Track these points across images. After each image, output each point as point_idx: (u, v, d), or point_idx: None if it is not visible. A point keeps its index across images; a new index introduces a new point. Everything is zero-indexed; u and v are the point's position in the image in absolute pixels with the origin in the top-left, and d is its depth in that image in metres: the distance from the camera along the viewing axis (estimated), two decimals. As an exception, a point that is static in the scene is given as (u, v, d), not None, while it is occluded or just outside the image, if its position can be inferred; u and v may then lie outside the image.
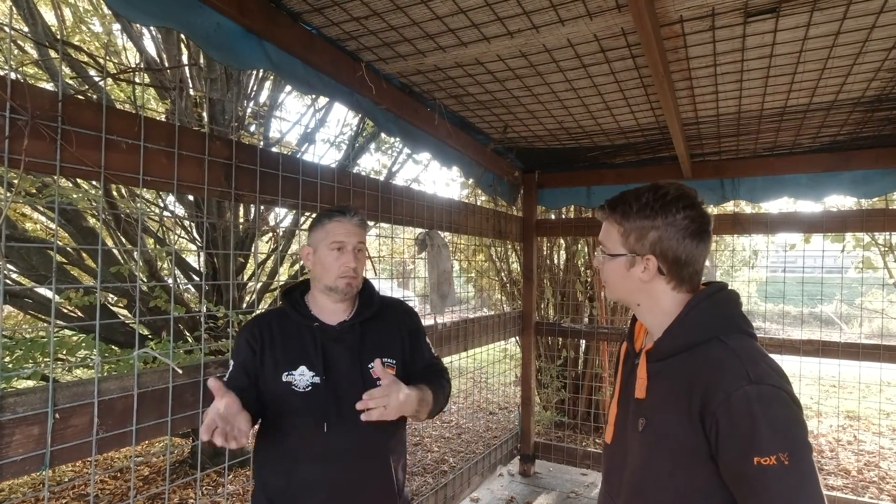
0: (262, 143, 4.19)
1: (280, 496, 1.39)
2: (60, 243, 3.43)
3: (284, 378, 1.39)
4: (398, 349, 1.52)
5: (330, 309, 1.47)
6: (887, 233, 4.70)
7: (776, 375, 0.90)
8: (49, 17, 3.81)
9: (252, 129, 4.23)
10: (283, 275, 5.18)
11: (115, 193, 3.66)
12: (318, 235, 1.45)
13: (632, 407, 1.06)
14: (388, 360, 1.48)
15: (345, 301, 1.48)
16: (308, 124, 4.77)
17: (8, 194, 2.65)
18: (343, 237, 1.43)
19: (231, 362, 1.44)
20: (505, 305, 5.82)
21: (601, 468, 1.23)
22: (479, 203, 4.73)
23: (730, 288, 1.04)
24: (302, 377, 1.39)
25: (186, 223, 4.31)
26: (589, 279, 5.24)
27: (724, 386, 0.88)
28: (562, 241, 5.30)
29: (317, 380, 1.39)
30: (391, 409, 1.23)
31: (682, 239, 0.99)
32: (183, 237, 4.52)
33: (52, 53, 3.08)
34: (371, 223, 2.68)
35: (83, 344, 2.90)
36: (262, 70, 3.73)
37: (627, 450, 1.06)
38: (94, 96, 3.11)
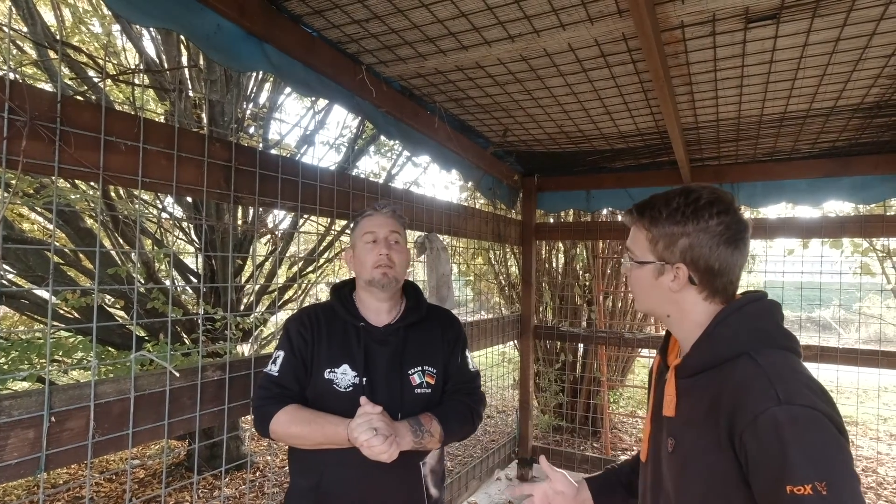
0: (261, 145, 4.19)
1: (310, 496, 1.39)
2: (58, 244, 3.42)
3: (327, 375, 1.39)
4: (440, 357, 1.50)
5: (375, 308, 1.47)
6: (885, 238, 4.71)
7: (811, 394, 0.80)
8: (48, 17, 3.81)
9: (251, 131, 4.23)
10: (282, 277, 5.18)
11: (113, 195, 3.65)
12: (355, 234, 1.49)
13: (664, 425, 1.00)
14: (429, 369, 1.46)
15: (386, 294, 1.45)
16: (307, 126, 4.78)
17: (5, 195, 2.64)
18: (375, 227, 1.45)
19: (279, 353, 1.42)
20: (503, 309, 5.81)
21: (638, 485, 1.15)
22: (478, 206, 4.73)
23: (768, 298, 0.95)
24: (344, 376, 1.38)
25: (185, 225, 4.30)
26: (587, 283, 5.24)
27: (751, 407, 0.81)
28: (561, 245, 5.30)
29: (357, 380, 1.38)
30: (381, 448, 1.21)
31: (717, 246, 0.92)
32: (181, 239, 4.51)
33: (52, 54, 3.08)
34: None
35: (80, 346, 2.89)
36: (261, 72, 3.73)
37: (659, 471, 1.01)
38: (94, 97, 3.11)
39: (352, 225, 1.53)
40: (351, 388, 1.37)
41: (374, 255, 1.42)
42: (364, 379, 1.38)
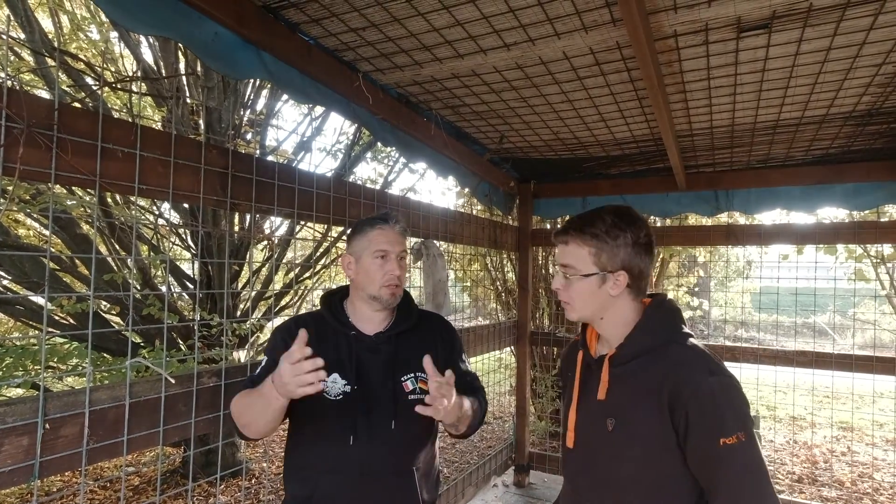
0: (258, 151, 4.20)
1: None
2: (54, 250, 3.41)
3: None
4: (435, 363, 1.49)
5: (368, 317, 1.46)
6: (879, 245, 4.74)
7: (725, 368, 1.07)
8: (46, 24, 3.81)
9: (248, 137, 4.23)
10: (278, 283, 5.17)
11: (109, 201, 3.65)
12: (361, 244, 1.44)
13: (595, 409, 1.15)
14: (422, 375, 1.44)
15: (386, 310, 1.47)
16: (304, 133, 4.79)
17: (2, 202, 2.64)
18: (387, 245, 1.42)
19: (264, 358, 1.43)
20: (500, 315, 5.81)
21: (562, 472, 1.32)
22: (474, 213, 4.74)
23: (670, 298, 1.18)
24: (334, 385, 1.38)
25: (181, 231, 4.30)
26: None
27: (693, 380, 1.03)
28: (557, 251, 5.31)
29: (348, 388, 1.37)
30: (443, 408, 1.20)
31: (642, 254, 1.12)
32: (177, 245, 4.50)
33: (49, 61, 3.09)
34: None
35: (75, 352, 2.88)
36: (259, 79, 3.74)
37: (596, 450, 1.14)
38: (91, 105, 3.11)
39: (355, 230, 1.48)
40: (341, 396, 1.37)
41: (385, 274, 1.41)
42: (355, 387, 1.38)
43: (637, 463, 1.06)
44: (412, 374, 1.44)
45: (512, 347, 4.21)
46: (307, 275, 5.05)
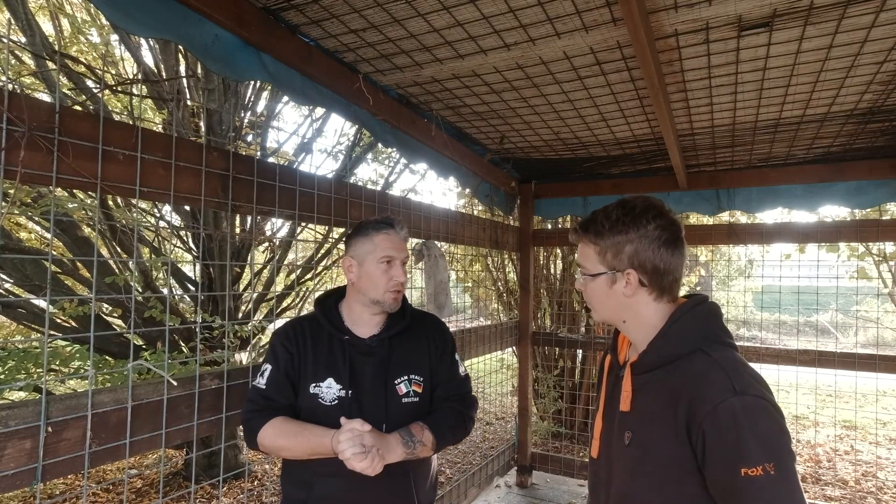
0: (259, 153, 4.20)
1: None
2: (55, 254, 3.41)
3: (312, 390, 1.39)
4: (426, 365, 1.49)
5: (364, 320, 1.47)
6: (881, 243, 4.73)
7: (758, 386, 0.91)
8: (47, 27, 3.82)
9: (249, 139, 4.23)
10: (279, 285, 5.17)
11: (110, 203, 3.65)
12: (365, 248, 1.43)
13: (617, 420, 1.06)
14: (416, 377, 1.46)
15: (384, 313, 1.47)
16: (305, 135, 4.79)
17: (3, 205, 2.64)
18: (392, 251, 1.42)
19: (267, 367, 1.42)
20: (502, 315, 5.81)
21: (588, 482, 1.23)
22: (475, 213, 4.73)
23: (710, 300, 1.05)
24: (329, 390, 1.38)
25: (182, 233, 4.30)
26: (585, 289, 5.23)
27: (710, 398, 0.89)
28: (558, 251, 5.31)
29: (343, 393, 1.38)
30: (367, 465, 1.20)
31: (658, 249, 1.01)
32: (179, 247, 4.50)
33: (50, 64, 3.09)
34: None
35: (77, 355, 2.88)
36: (259, 81, 3.74)
37: (613, 463, 1.06)
38: (92, 107, 3.12)
39: (358, 233, 1.48)
40: (336, 402, 1.38)
41: (389, 280, 1.41)
42: (350, 392, 1.38)
43: (651, 483, 0.96)
44: (406, 377, 1.45)
45: (514, 348, 4.20)
46: (308, 276, 5.05)
